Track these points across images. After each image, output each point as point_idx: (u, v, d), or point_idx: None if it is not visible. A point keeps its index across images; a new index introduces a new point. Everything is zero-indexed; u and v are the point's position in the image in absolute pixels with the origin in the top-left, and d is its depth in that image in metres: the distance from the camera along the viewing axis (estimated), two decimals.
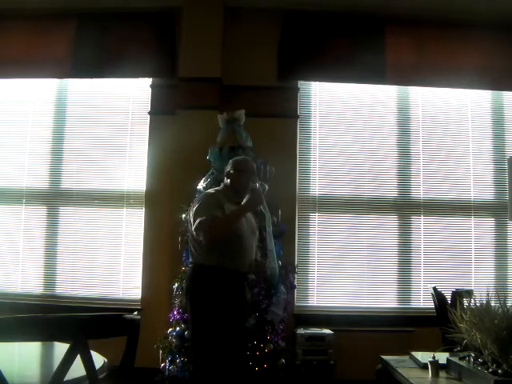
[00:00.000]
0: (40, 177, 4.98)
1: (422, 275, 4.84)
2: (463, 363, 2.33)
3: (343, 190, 4.96)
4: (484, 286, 3.10)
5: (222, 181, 3.66)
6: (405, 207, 4.95)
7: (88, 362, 1.44)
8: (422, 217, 4.93)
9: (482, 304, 2.35)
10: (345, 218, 4.94)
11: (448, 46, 4.94)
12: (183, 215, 4.11)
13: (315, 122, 5.01)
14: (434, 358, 2.44)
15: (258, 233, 3.10)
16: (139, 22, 4.98)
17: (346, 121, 5.04)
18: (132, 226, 4.87)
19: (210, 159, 4.19)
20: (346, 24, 4.99)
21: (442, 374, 2.42)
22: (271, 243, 3.86)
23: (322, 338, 4.37)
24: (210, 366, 2.80)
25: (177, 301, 3.93)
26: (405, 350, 2.91)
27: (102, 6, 4.91)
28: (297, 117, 4.96)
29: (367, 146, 5.00)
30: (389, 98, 5.07)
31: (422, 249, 4.88)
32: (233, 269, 2.88)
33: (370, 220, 4.91)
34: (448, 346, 2.64)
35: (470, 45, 4.95)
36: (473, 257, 4.88)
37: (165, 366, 3.88)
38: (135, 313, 4.36)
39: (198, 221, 2.82)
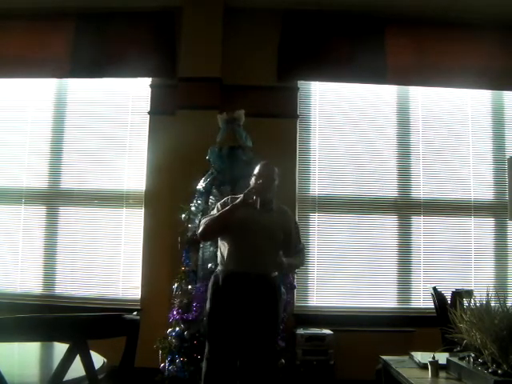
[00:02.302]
0: (40, 177, 4.97)
1: (421, 275, 4.84)
2: (463, 363, 2.32)
3: (343, 189, 4.95)
4: (484, 286, 3.10)
5: (222, 181, 3.72)
6: (405, 207, 4.95)
7: (87, 362, 1.43)
8: (422, 217, 4.93)
9: (481, 304, 2.34)
10: (345, 218, 4.94)
11: (448, 46, 4.94)
12: (183, 215, 4.12)
13: (315, 122, 5.01)
14: (433, 358, 2.43)
15: (280, 236, 3.06)
16: (139, 22, 4.98)
17: (345, 121, 5.03)
18: (132, 225, 4.87)
19: (209, 159, 4.18)
20: (346, 24, 4.99)
21: (442, 374, 2.42)
22: None
23: (322, 338, 4.36)
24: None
25: (177, 301, 3.92)
26: (405, 350, 2.90)
27: (101, 5, 4.91)
28: (297, 117, 4.96)
29: (367, 146, 4.99)
30: (389, 98, 5.07)
31: (422, 249, 4.88)
32: (236, 271, 2.97)
33: (370, 220, 4.91)
34: (448, 346, 2.64)
35: (470, 45, 4.95)
36: (473, 257, 4.88)
37: (164, 366, 3.88)
38: (135, 313, 4.36)
39: None
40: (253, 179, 3.14)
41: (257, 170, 3.18)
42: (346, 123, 5.03)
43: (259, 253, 2.98)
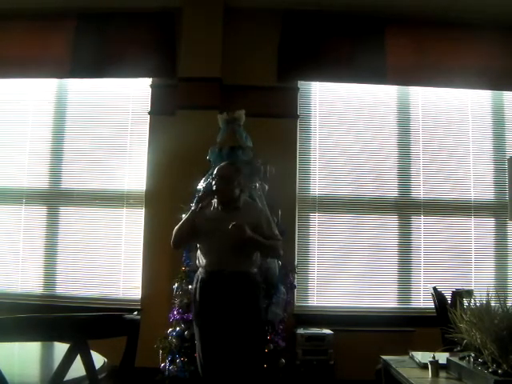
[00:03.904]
0: (40, 177, 4.98)
1: (422, 275, 4.84)
2: (463, 363, 2.32)
3: (343, 189, 4.95)
4: (484, 286, 3.11)
5: None
6: (405, 207, 4.95)
7: (88, 362, 1.44)
8: (423, 217, 4.93)
9: (481, 304, 2.34)
10: (345, 218, 4.94)
11: (448, 46, 4.94)
12: (183, 215, 4.12)
13: (315, 122, 5.01)
14: (434, 357, 2.43)
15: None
16: (139, 22, 4.98)
17: (346, 121, 5.03)
18: (132, 225, 4.87)
19: (210, 159, 4.19)
20: (346, 24, 4.99)
21: (442, 373, 2.42)
22: None
23: (322, 338, 4.37)
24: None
25: (177, 301, 3.93)
26: (405, 349, 2.91)
27: (101, 5, 4.91)
28: (297, 117, 4.96)
29: (367, 146, 5.00)
30: (389, 98, 5.07)
31: (422, 249, 4.88)
32: (205, 268, 3.11)
33: (370, 220, 4.91)
34: (448, 346, 2.64)
35: (470, 45, 4.95)
36: (473, 257, 4.88)
37: (165, 365, 3.88)
38: (135, 313, 4.35)
39: None
40: (212, 181, 3.24)
41: (214, 171, 3.27)
42: (346, 123, 5.03)
43: (229, 252, 3.04)
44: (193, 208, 3.16)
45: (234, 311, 3.01)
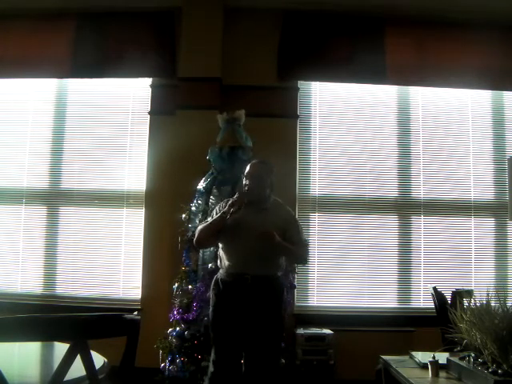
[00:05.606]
0: (40, 177, 4.98)
1: (422, 275, 4.84)
2: (463, 363, 2.33)
3: (343, 190, 4.96)
4: (484, 286, 3.11)
5: (222, 181, 3.69)
6: (405, 207, 4.95)
7: (88, 362, 1.44)
8: (423, 217, 4.93)
9: (482, 304, 2.35)
10: (345, 218, 4.94)
11: (448, 46, 4.94)
12: (183, 215, 4.13)
13: (315, 122, 5.01)
14: (434, 357, 2.44)
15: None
16: (139, 22, 4.98)
17: (346, 121, 5.03)
18: (132, 225, 4.87)
19: (210, 159, 4.19)
20: (346, 24, 4.99)
21: (442, 373, 2.43)
22: None
23: (322, 337, 4.36)
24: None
25: (177, 301, 3.93)
26: (405, 349, 2.91)
27: (101, 5, 4.91)
28: (297, 117, 4.96)
29: (367, 146, 5.00)
30: (389, 98, 5.07)
31: (422, 249, 4.88)
32: (227, 271, 2.99)
33: (370, 220, 4.91)
34: (448, 346, 2.64)
35: (470, 45, 4.95)
36: (473, 257, 4.88)
37: (165, 366, 3.88)
38: (135, 313, 4.36)
39: None
40: (243, 179, 3.12)
41: (246, 169, 3.13)
42: (346, 123, 5.03)
43: (254, 254, 2.92)
44: (224, 210, 2.95)
45: (255, 319, 2.91)
